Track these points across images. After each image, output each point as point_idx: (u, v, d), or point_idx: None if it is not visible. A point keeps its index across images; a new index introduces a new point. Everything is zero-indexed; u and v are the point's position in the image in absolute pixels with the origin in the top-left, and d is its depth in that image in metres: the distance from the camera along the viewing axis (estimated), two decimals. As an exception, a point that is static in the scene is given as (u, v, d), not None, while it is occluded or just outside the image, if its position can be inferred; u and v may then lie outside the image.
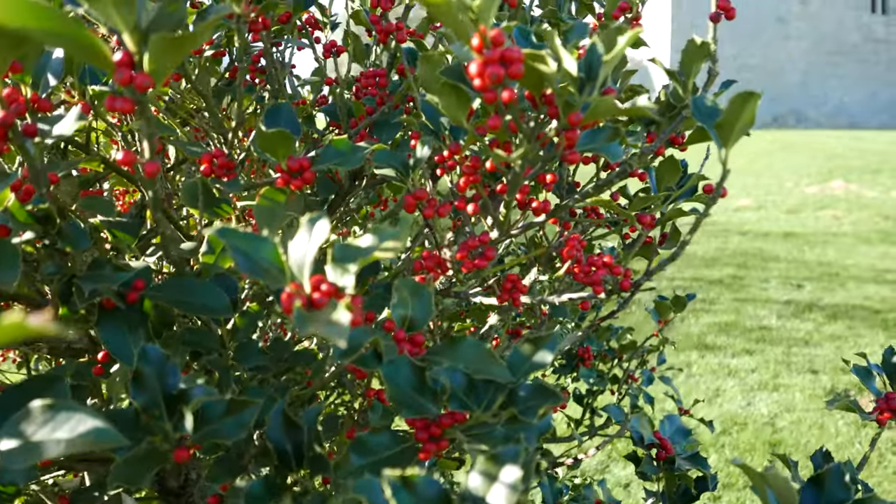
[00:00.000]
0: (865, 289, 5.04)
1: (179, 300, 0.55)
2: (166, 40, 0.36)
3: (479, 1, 0.38)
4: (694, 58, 0.56)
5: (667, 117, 0.61)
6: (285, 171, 0.56)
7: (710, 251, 6.35)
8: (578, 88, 0.45)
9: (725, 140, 0.46)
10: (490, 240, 0.59)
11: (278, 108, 0.58)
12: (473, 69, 0.41)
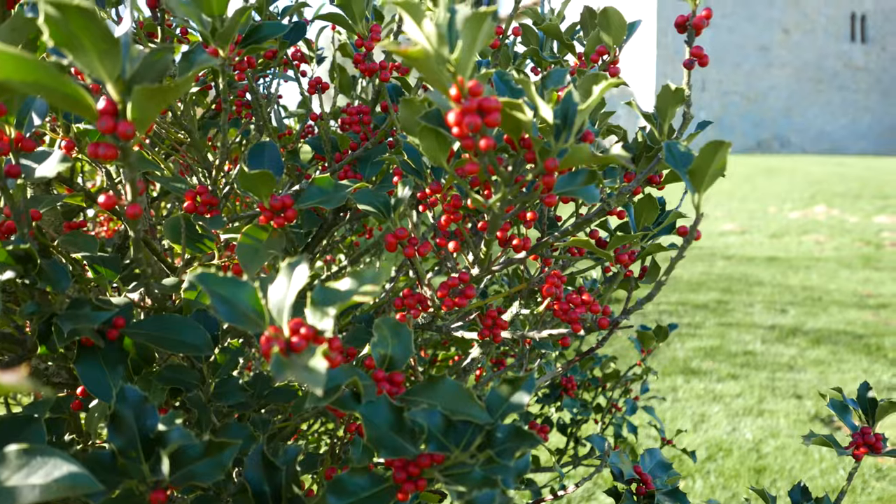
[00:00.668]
0: (848, 314, 5.10)
1: (159, 337, 0.55)
2: (149, 91, 0.37)
3: (456, 54, 0.39)
4: (669, 102, 0.58)
5: (644, 158, 0.62)
6: (268, 210, 0.57)
7: (696, 275, 6.40)
8: (555, 135, 0.46)
9: (698, 185, 0.47)
10: (470, 279, 0.59)
11: (262, 146, 0.59)
12: (452, 118, 0.42)
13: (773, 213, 10.37)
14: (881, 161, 17.50)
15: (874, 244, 8.09)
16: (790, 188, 11.87)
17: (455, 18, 0.41)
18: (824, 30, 26.55)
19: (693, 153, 0.49)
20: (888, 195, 10.79)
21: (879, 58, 28.43)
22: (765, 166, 14.59)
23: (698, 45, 0.57)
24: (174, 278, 0.63)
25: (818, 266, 6.96)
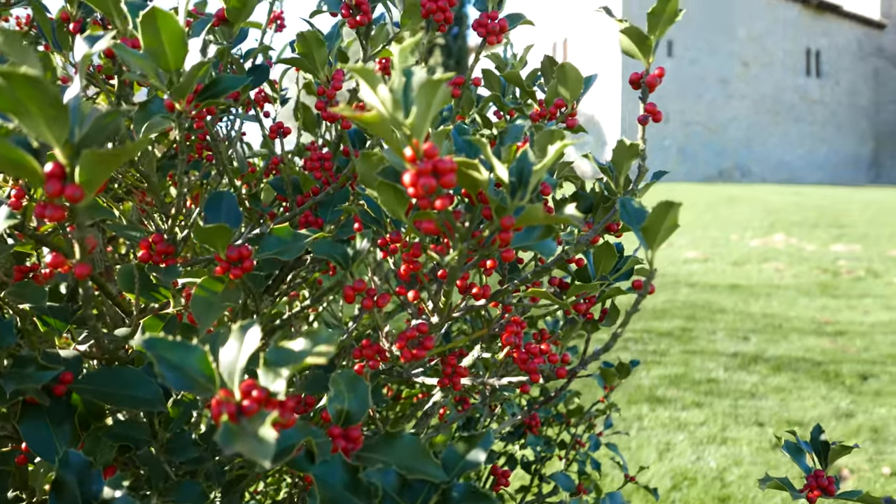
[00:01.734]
0: (807, 340, 5.21)
1: (109, 393, 0.53)
2: (98, 155, 0.36)
3: (411, 119, 0.40)
4: (624, 157, 0.59)
5: (602, 208, 0.63)
6: (224, 261, 0.56)
7: (661, 303, 6.49)
8: (510, 193, 0.47)
9: (651, 242, 0.48)
10: (429, 328, 0.59)
11: (219, 196, 0.58)
12: (407, 179, 0.43)
13: (734, 240, 10.61)
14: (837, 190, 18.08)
15: (831, 272, 8.32)
16: (750, 217, 12.18)
17: (411, 82, 0.41)
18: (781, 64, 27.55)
19: (646, 210, 0.50)
20: (844, 224, 11.14)
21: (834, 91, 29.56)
22: (726, 195, 14.96)
23: (652, 101, 0.58)
24: (126, 329, 0.61)
25: (778, 293, 7.12)
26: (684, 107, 24.47)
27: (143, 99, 0.63)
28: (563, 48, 25.90)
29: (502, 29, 0.65)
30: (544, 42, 26.64)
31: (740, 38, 26.12)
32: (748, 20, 26.41)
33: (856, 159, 30.34)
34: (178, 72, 0.49)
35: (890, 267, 8.47)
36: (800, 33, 28.30)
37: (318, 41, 0.65)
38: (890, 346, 5.09)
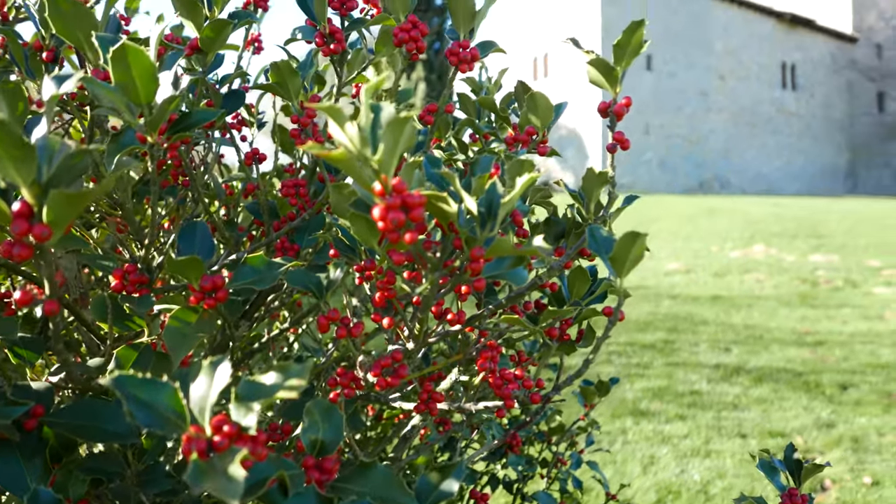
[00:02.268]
0: (788, 351, 5.27)
1: (81, 427, 0.53)
2: (65, 196, 0.36)
3: (379, 155, 0.41)
4: (594, 184, 0.60)
5: (574, 234, 0.64)
6: (198, 291, 0.56)
7: (643, 315, 6.53)
8: (480, 225, 0.48)
9: (619, 271, 0.49)
10: (404, 356, 0.60)
11: (193, 227, 0.59)
12: (376, 213, 0.43)
13: (715, 252, 10.72)
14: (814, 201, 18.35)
15: (810, 282, 8.44)
16: (730, 228, 12.32)
17: (379, 119, 0.42)
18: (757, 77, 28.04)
19: (614, 238, 0.51)
20: (822, 235, 11.31)
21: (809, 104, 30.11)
22: (707, 206, 15.13)
23: (620, 130, 0.60)
24: (99, 359, 0.61)
25: (759, 304, 7.20)
26: (664, 120, 24.79)
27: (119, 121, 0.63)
28: (543, 63, 26.17)
29: (473, 58, 0.66)
30: (525, 57, 26.89)
31: (717, 52, 26.57)
32: (724, 34, 26.88)
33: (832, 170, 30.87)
34: (150, 105, 0.49)
35: (868, 277, 8.60)
36: (774, 47, 28.84)
37: (291, 71, 0.66)
38: (868, 355, 5.15)
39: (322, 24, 0.69)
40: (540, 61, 26.29)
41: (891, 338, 5.72)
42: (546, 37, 25.73)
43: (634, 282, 8.69)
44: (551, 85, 25.39)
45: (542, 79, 26.15)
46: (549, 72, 25.85)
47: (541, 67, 26.26)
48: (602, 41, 23.03)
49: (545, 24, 25.73)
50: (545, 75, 26.06)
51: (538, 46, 26.16)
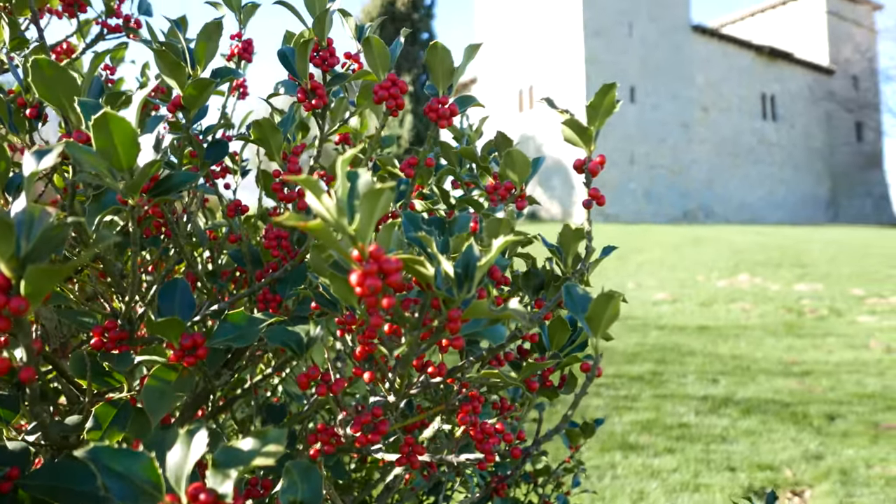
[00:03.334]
0: (775, 382, 5.28)
1: (55, 489, 0.52)
2: (43, 270, 0.37)
3: (355, 224, 0.41)
4: (570, 239, 0.61)
5: (552, 286, 0.65)
6: (178, 349, 0.56)
7: (631, 346, 6.54)
8: (457, 286, 0.48)
9: (595, 330, 0.50)
10: (384, 412, 0.60)
11: (173, 285, 0.59)
12: (353, 279, 0.44)
13: (701, 281, 10.80)
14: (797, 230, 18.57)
15: (796, 311, 8.50)
16: (716, 257, 12.42)
17: (356, 187, 0.43)
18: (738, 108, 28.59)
19: (591, 296, 0.52)
20: (805, 264, 11.43)
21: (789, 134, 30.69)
22: (692, 236, 15.27)
23: (595, 187, 0.61)
24: (77, 417, 0.60)
25: (745, 334, 7.23)
26: (649, 150, 25.14)
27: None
28: (528, 94, 26.54)
29: (452, 113, 0.68)
30: (511, 89, 27.27)
31: (699, 85, 27.10)
32: (705, 67, 27.45)
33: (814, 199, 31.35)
34: (131, 169, 0.50)
35: (852, 305, 8.68)
36: (754, 80, 29.48)
37: (272, 128, 0.67)
38: (854, 385, 5.18)
39: (304, 81, 0.71)
40: (525, 93, 26.66)
41: (876, 367, 5.76)
42: (531, 69, 26.14)
43: (623, 312, 8.71)
44: (536, 117, 25.73)
45: (527, 111, 26.50)
46: (534, 104, 26.21)
47: (526, 99, 26.62)
48: (586, 73, 23.44)
49: (530, 56, 26.17)
50: (530, 107, 26.41)
51: (523, 79, 26.56)
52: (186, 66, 0.66)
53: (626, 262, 12.86)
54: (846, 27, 33.87)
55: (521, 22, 26.61)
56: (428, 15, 21.26)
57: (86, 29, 1.07)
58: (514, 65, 27.02)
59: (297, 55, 0.69)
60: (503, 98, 27.64)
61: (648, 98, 25.34)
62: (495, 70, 28.01)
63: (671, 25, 26.29)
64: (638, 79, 25.02)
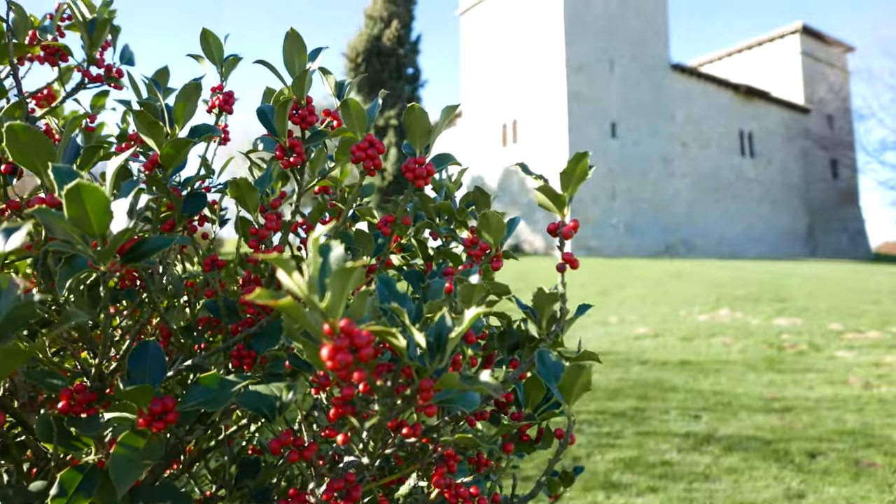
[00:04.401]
0: (756, 418, 5.29)
1: (16, 563, 0.51)
2: (8, 351, 0.36)
3: (326, 302, 0.41)
4: (545, 303, 0.62)
5: (527, 347, 0.65)
6: (147, 414, 0.56)
7: (613, 382, 6.53)
8: (430, 356, 0.49)
9: (567, 398, 0.50)
10: (357, 477, 0.59)
11: (144, 347, 0.58)
12: (324, 353, 0.44)
13: (683, 316, 10.86)
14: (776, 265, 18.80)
15: (776, 346, 8.56)
16: (697, 292, 12.52)
17: (328, 261, 0.43)
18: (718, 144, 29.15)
19: (564, 363, 0.52)
20: (784, 298, 11.55)
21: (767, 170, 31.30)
22: (674, 270, 15.40)
23: (568, 251, 0.62)
24: (41, 483, 0.59)
25: (727, 369, 7.26)
26: (630, 184, 25.47)
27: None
28: (513, 129, 26.88)
29: (429, 173, 0.68)
30: (495, 123, 27.61)
31: (679, 121, 27.64)
32: (685, 105, 28.04)
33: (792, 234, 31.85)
34: (104, 236, 0.50)
35: (830, 340, 8.76)
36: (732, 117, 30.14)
37: (249, 187, 0.67)
38: (834, 422, 5.20)
39: (282, 139, 0.71)
40: (510, 128, 27.00)
41: (855, 403, 5.80)
42: (516, 104, 26.52)
43: (605, 347, 8.72)
44: (521, 151, 26.03)
45: (511, 145, 26.81)
46: (518, 138, 26.54)
47: (510, 134, 26.95)
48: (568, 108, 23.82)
49: (515, 91, 26.57)
50: (514, 141, 26.73)
51: (508, 113, 26.92)
52: (164, 125, 0.66)
53: (609, 296, 12.92)
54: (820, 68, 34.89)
55: (506, 57, 27.08)
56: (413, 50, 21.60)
57: (66, 77, 1.07)
58: (498, 99, 27.41)
59: (276, 114, 0.69)
60: (488, 132, 27.98)
61: (630, 133, 25.78)
62: (480, 104, 28.38)
63: (651, 64, 26.91)
64: (619, 115, 25.48)
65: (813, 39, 34.69)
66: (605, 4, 25.74)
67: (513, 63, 26.69)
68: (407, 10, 21.54)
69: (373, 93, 21.13)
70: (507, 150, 26.83)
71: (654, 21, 27.31)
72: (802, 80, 33.74)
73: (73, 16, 0.98)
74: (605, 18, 25.63)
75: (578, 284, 14.26)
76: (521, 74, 26.20)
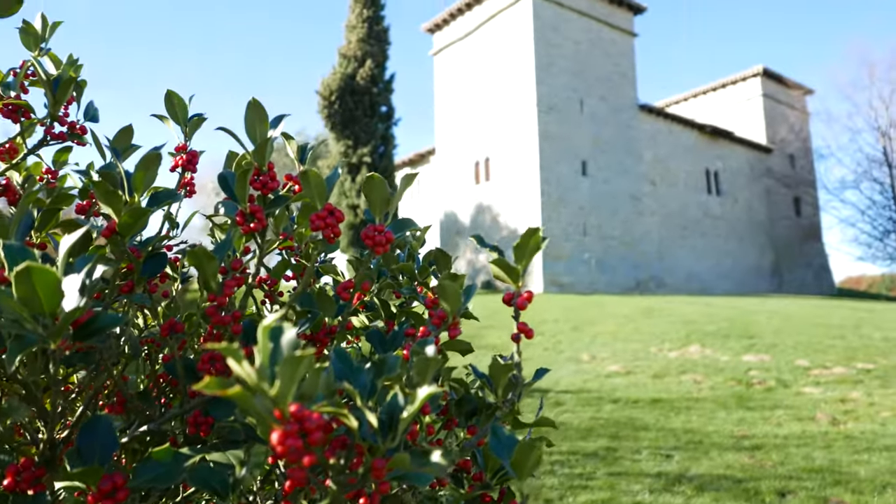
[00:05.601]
0: (726, 456, 5.31)
1: None
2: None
3: (275, 390, 0.42)
4: (500, 373, 0.62)
5: (485, 414, 0.65)
6: (96, 493, 0.54)
7: (586, 421, 6.52)
8: (381, 435, 0.49)
9: (520, 475, 0.50)
10: (312, 553, 0.58)
11: (95, 422, 0.57)
12: (274, 438, 0.44)
13: (654, 352, 10.94)
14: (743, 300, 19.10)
15: (745, 383, 8.65)
16: (668, 328, 12.65)
17: (279, 346, 0.43)
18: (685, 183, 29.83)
19: (517, 438, 0.53)
20: (753, 335, 11.72)
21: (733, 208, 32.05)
22: (644, 307, 15.55)
23: (523, 322, 0.63)
24: (-16, 565, 0.57)
25: (697, 406, 7.30)
26: (601, 221, 25.84)
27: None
28: (485, 167, 27.19)
29: (388, 241, 0.69)
30: (468, 161, 27.92)
31: (647, 160, 28.26)
32: (652, 144, 28.73)
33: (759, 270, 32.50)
34: (54, 314, 0.50)
35: (797, 377, 8.89)
36: (698, 156, 30.93)
37: (207, 255, 0.67)
38: (803, 459, 5.25)
39: (243, 205, 0.72)
40: (482, 165, 27.32)
41: (823, 440, 5.86)
42: (488, 141, 26.88)
43: (578, 384, 8.73)
44: (493, 189, 26.30)
45: (483, 182, 27.09)
46: (490, 176, 26.84)
47: (483, 171, 27.25)
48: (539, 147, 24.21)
49: (487, 129, 26.96)
50: (487, 179, 27.02)
51: (480, 151, 27.25)
52: (124, 193, 0.66)
53: (582, 332, 12.98)
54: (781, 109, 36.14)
55: (479, 96, 27.54)
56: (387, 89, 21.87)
57: (29, 132, 1.07)
58: (471, 137, 27.78)
59: (237, 182, 0.70)
60: (461, 169, 28.26)
61: (600, 172, 26.25)
62: (453, 142, 28.72)
63: (619, 104, 27.59)
64: (589, 154, 25.97)
65: (774, 82, 36.01)
66: (574, 46, 26.44)
67: (485, 102, 27.16)
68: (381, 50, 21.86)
69: (346, 130, 21.23)
70: (480, 188, 27.09)
71: (622, 63, 28.10)
72: (764, 120, 34.89)
73: (37, 74, 0.98)
74: (574, 60, 26.31)
75: (552, 320, 14.31)
76: (494, 113, 26.65)
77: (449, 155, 29.00)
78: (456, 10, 28.67)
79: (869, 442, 5.74)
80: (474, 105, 27.72)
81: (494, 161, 26.54)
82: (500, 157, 26.23)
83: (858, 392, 7.92)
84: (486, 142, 27.01)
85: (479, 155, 27.32)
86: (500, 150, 26.25)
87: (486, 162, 27.10)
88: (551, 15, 25.89)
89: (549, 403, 7.38)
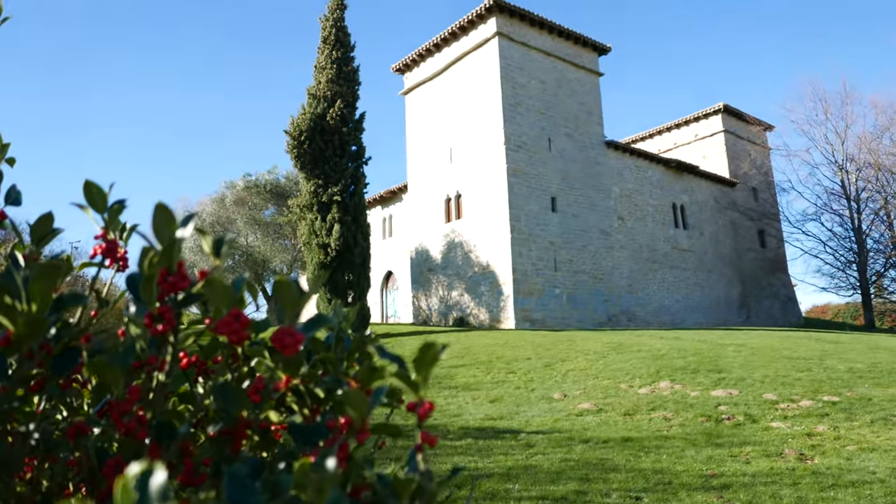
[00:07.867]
0: (695, 497, 5.30)
1: None
2: None
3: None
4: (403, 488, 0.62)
5: None
6: None
7: (556, 463, 6.47)
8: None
9: None
10: None
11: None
12: None
13: (624, 389, 10.96)
14: (712, 333, 19.31)
15: (714, 419, 8.69)
16: (638, 364, 12.70)
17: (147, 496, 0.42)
18: (652, 217, 30.34)
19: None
20: (721, 369, 11.82)
21: (699, 241, 32.62)
22: (615, 342, 15.62)
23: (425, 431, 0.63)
24: None
25: (667, 445, 7.30)
26: (572, 256, 26.07)
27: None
28: (456, 204, 27.36)
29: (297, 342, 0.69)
30: (438, 198, 28.08)
31: (615, 195, 28.73)
32: (619, 180, 29.26)
33: (727, 301, 32.97)
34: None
35: (765, 411, 8.96)
36: (665, 191, 31.56)
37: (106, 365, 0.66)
38: (771, 498, 5.26)
39: (151, 307, 0.71)
40: (453, 202, 27.49)
41: (790, 477, 5.89)
42: (459, 178, 27.11)
43: (549, 424, 8.68)
44: (465, 225, 26.43)
45: (455, 219, 27.22)
46: (462, 213, 27.00)
47: (454, 208, 27.42)
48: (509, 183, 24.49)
49: (458, 167, 27.22)
50: (458, 216, 27.17)
51: (451, 188, 27.45)
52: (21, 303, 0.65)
53: (553, 370, 12.96)
54: (743, 144, 37.20)
55: (449, 135, 27.86)
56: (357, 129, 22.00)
57: (-51, 215, 1.04)
58: (442, 175, 28.00)
59: (142, 286, 0.69)
60: (432, 206, 28.40)
61: (570, 207, 26.59)
62: (425, 179, 28.91)
63: (587, 141, 28.13)
64: (558, 190, 26.32)
65: (734, 118, 37.12)
66: (541, 86, 27.00)
67: (455, 140, 27.48)
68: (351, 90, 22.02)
69: (316, 169, 21.20)
70: (451, 224, 27.22)
71: (588, 101, 28.74)
72: (727, 155, 35.84)
73: (-44, 160, 0.96)
74: (541, 99, 26.83)
75: (524, 358, 14.27)
76: (464, 151, 26.96)
77: (421, 192, 29.17)
78: (424, 51, 29.16)
79: (835, 478, 5.78)
80: (445, 143, 28.03)
81: (466, 198, 26.75)
82: (470, 194, 26.45)
83: (824, 425, 8.01)
84: (457, 179, 27.25)
85: (451, 191, 27.52)
86: (470, 188, 26.49)
87: (458, 198, 27.30)
88: (518, 55, 26.47)
89: (521, 445, 7.32)
